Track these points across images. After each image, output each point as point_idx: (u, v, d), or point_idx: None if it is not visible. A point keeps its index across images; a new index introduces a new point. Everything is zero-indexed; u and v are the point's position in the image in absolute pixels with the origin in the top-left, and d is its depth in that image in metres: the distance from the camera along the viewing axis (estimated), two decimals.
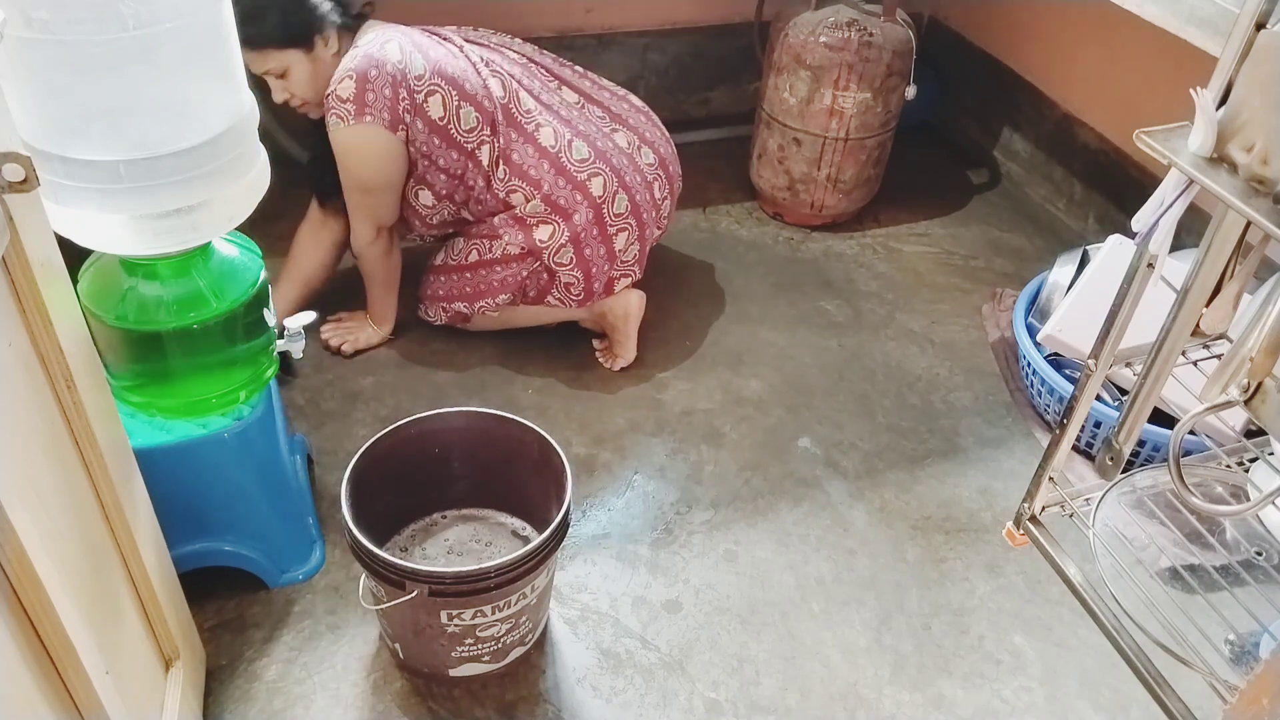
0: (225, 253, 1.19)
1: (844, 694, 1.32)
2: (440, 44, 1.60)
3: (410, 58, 1.52)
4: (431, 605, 1.16)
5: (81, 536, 0.88)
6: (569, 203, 1.65)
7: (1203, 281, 1.01)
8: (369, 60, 1.50)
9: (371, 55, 1.50)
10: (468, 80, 1.57)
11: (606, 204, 1.67)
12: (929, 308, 2.04)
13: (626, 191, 1.69)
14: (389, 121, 1.53)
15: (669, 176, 1.79)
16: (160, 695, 1.08)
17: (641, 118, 1.79)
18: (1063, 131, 2.29)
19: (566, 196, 1.64)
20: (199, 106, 1.00)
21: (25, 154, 0.73)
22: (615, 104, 1.77)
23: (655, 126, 1.80)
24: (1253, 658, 1.18)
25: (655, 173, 1.75)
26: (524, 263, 1.68)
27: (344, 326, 1.81)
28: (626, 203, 1.69)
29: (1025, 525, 1.34)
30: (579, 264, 1.68)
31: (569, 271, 1.69)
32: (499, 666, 1.29)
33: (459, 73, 1.57)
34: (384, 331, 1.81)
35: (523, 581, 1.18)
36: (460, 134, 1.58)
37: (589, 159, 1.66)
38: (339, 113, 1.51)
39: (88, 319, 1.00)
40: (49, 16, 0.87)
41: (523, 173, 1.63)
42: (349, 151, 1.57)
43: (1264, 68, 0.84)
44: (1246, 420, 1.45)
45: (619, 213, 1.69)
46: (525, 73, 1.68)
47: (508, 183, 1.63)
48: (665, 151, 1.79)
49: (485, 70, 1.60)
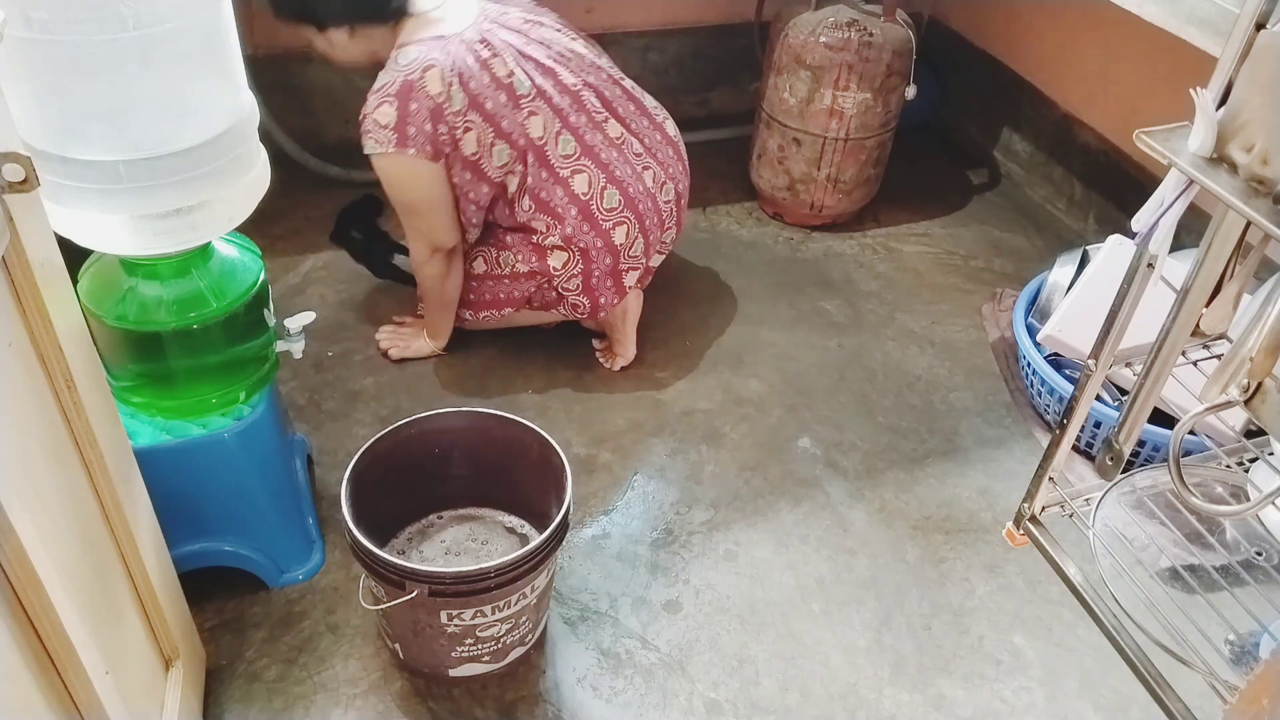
0: (225, 253, 1.19)
1: (844, 694, 1.32)
2: (485, 68, 1.51)
3: (451, 90, 1.47)
4: (431, 605, 1.16)
5: (81, 536, 0.88)
6: (589, 246, 1.63)
7: (1203, 281, 1.01)
8: (409, 87, 1.46)
9: (411, 82, 1.46)
10: (505, 119, 1.53)
11: (625, 249, 1.66)
12: (929, 308, 2.04)
13: (644, 235, 1.68)
14: (431, 154, 1.50)
15: (680, 210, 1.78)
16: (160, 695, 1.08)
17: (670, 151, 1.75)
18: (1063, 131, 2.29)
19: (589, 241, 1.63)
20: (199, 106, 1.00)
21: (25, 154, 0.73)
22: (649, 135, 1.72)
23: (680, 160, 1.77)
24: (1253, 658, 1.18)
25: (670, 209, 1.73)
26: (532, 280, 1.68)
27: (400, 333, 1.81)
28: (642, 245, 1.68)
29: (1025, 525, 1.34)
30: (585, 292, 1.68)
31: (576, 296, 1.68)
32: (499, 666, 1.29)
33: (497, 109, 1.52)
34: (437, 346, 1.79)
35: (523, 581, 1.18)
36: (491, 169, 1.56)
37: (618, 208, 1.64)
38: (378, 138, 1.48)
39: (88, 319, 1.00)
40: (49, 16, 0.87)
41: (549, 209, 1.61)
42: (391, 179, 1.55)
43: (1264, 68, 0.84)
44: (1246, 420, 1.45)
45: (634, 255, 1.68)
46: (575, 105, 1.61)
47: (531, 214, 1.62)
48: (683, 187, 1.77)
49: (529, 105, 1.55)
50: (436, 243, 1.63)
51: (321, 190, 2.21)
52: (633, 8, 2.40)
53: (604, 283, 1.68)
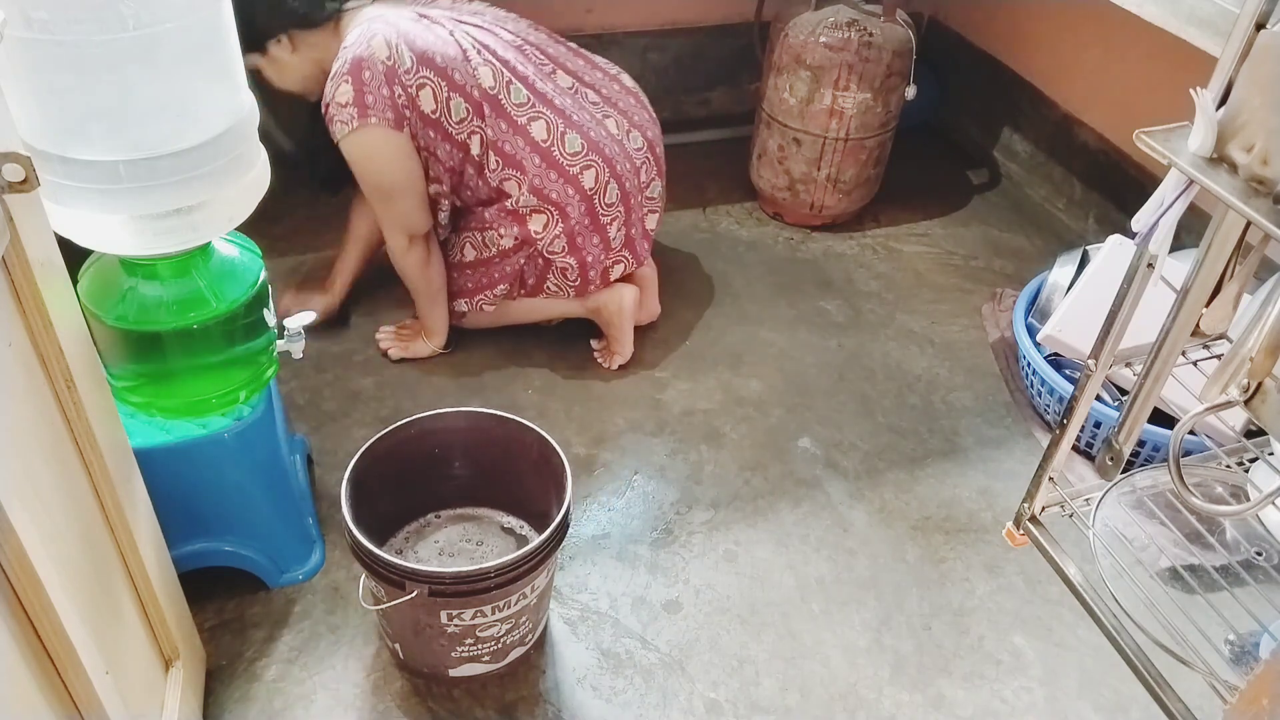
0: (225, 253, 1.19)
1: (844, 694, 1.32)
2: (429, 28, 1.55)
3: (398, 50, 1.49)
4: (431, 605, 1.16)
5: (81, 536, 0.88)
6: (561, 196, 1.64)
7: (1203, 281, 1.01)
8: (359, 62, 1.48)
9: (359, 56, 1.48)
10: (456, 70, 1.54)
11: (598, 195, 1.67)
12: (929, 308, 2.04)
13: (617, 180, 1.69)
14: (393, 120, 1.51)
15: (656, 159, 1.79)
16: (160, 695, 1.08)
17: (631, 100, 1.77)
18: (1063, 131, 2.29)
19: (559, 190, 1.64)
20: (199, 106, 1.00)
21: (25, 154, 0.73)
22: (606, 85, 1.75)
23: (644, 108, 1.79)
24: (1253, 658, 1.18)
25: (643, 156, 1.74)
26: (519, 253, 1.69)
27: (399, 334, 1.81)
28: (617, 191, 1.69)
29: (1025, 525, 1.34)
30: (572, 252, 1.69)
31: (563, 258, 1.69)
32: (499, 666, 1.29)
33: (447, 63, 1.53)
34: (435, 344, 1.79)
35: (523, 581, 1.18)
36: (451, 125, 1.56)
37: (582, 151, 1.65)
38: (341, 119, 1.49)
39: (88, 319, 1.00)
40: (49, 16, 0.87)
41: (515, 162, 1.62)
42: (361, 157, 1.55)
43: (1264, 68, 0.84)
44: (1246, 420, 1.45)
45: (610, 202, 1.69)
46: (520, 57, 1.64)
47: (500, 173, 1.62)
48: (652, 134, 1.79)
49: (476, 58, 1.57)
50: (411, 227, 1.63)
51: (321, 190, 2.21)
52: (633, 8, 2.40)
53: (589, 240, 1.69)
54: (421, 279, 1.71)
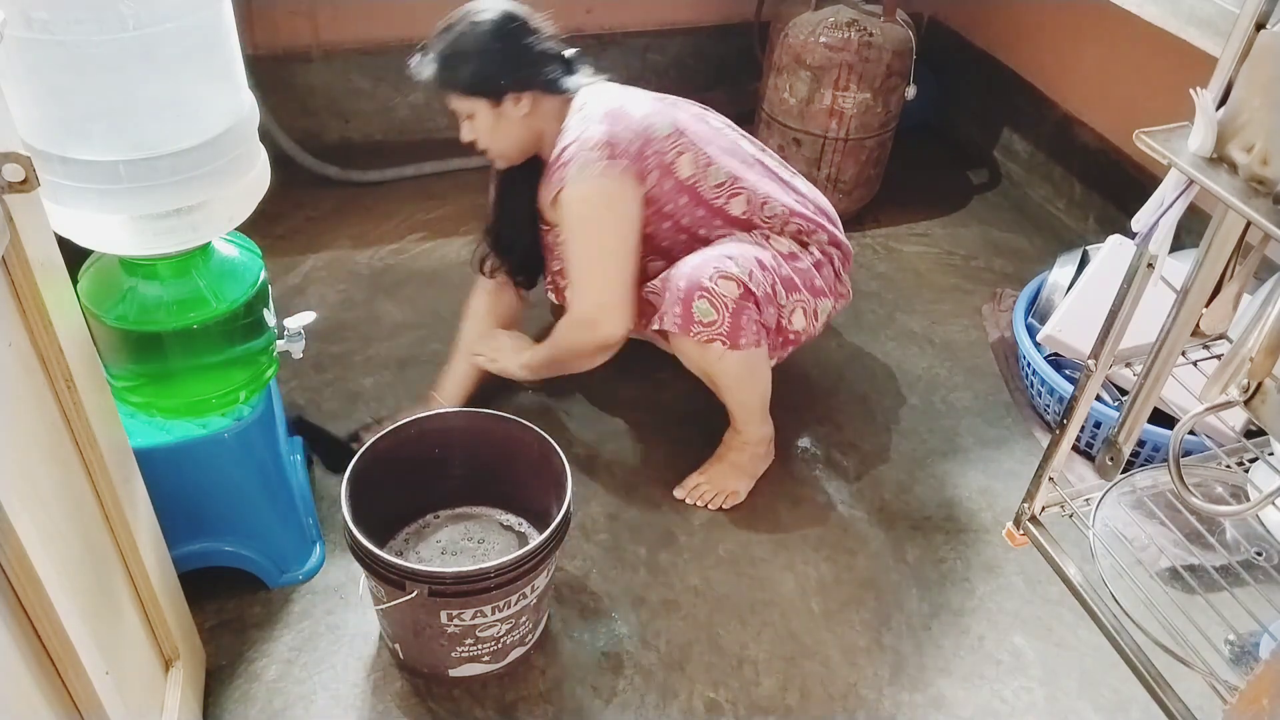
0: (225, 253, 1.19)
1: (844, 694, 1.32)
2: (674, 105, 1.51)
3: (653, 117, 1.44)
4: (431, 605, 1.16)
5: (81, 536, 0.88)
6: (836, 237, 1.58)
7: (1203, 281, 1.01)
8: (614, 116, 1.42)
9: (614, 111, 1.42)
10: (712, 142, 1.49)
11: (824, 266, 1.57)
12: (929, 308, 2.04)
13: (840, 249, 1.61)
14: (637, 172, 1.41)
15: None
16: (160, 695, 1.08)
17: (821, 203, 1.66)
18: (1063, 131, 2.29)
19: (834, 233, 1.58)
20: (199, 107, 1.00)
21: (25, 154, 0.73)
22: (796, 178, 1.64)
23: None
24: (1253, 658, 1.18)
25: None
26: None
27: (496, 341, 1.63)
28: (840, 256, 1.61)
29: (1025, 525, 1.34)
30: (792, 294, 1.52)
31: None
32: (499, 666, 1.29)
33: (703, 133, 1.48)
34: (530, 377, 1.61)
35: (523, 581, 1.18)
36: (708, 189, 1.47)
37: (815, 210, 1.58)
38: (585, 159, 1.38)
39: (88, 319, 1.00)
40: (49, 17, 0.87)
41: (787, 210, 1.53)
42: (598, 204, 1.41)
43: (1264, 68, 0.84)
44: (1246, 420, 1.45)
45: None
46: (747, 142, 1.58)
47: (772, 219, 1.52)
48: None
49: (726, 130, 1.54)
50: (614, 301, 1.44)
51: (321, 190, 2.21)
52: (633, 8, 2.40)
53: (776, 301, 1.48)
54: (578, 357, 1.53)
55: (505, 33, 1.41)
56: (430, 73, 1.43)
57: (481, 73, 1.41)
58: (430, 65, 1.43)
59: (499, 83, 1.42)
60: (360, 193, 2.23)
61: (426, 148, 2.36)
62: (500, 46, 1.41)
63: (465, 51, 1.40)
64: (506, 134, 1.47)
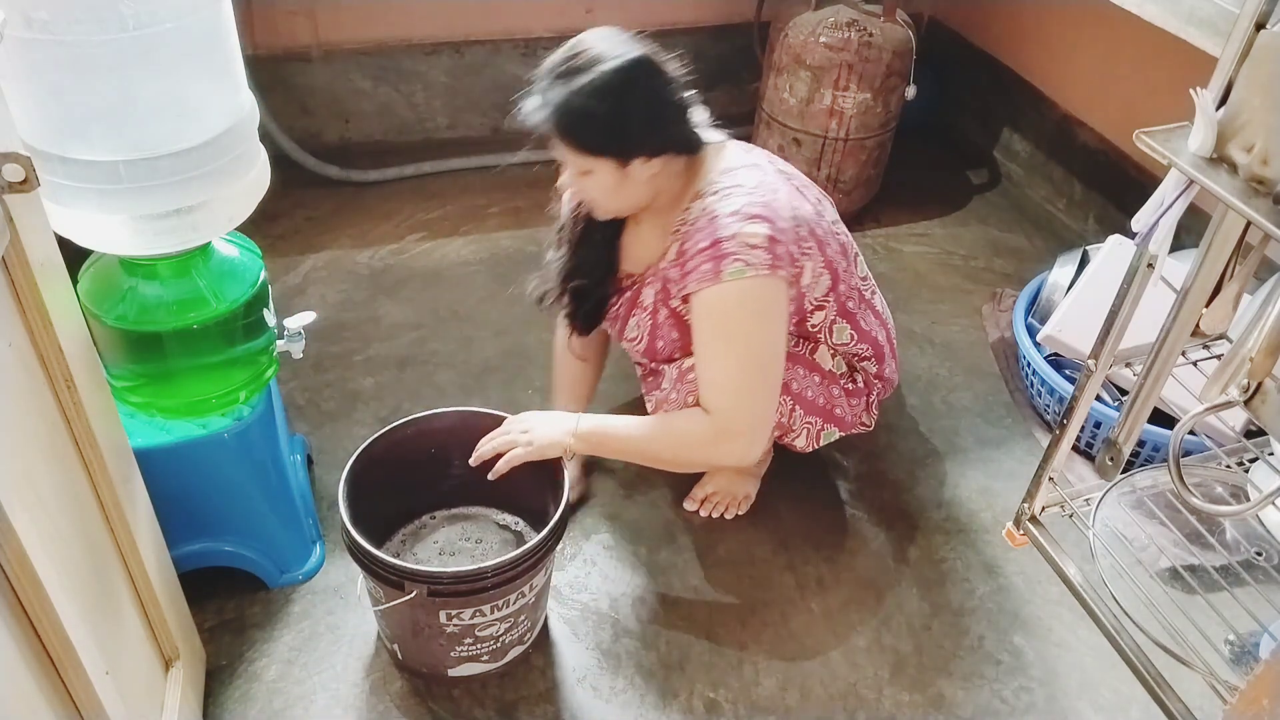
0: (225, 253, 1.19)
1: (844, 694, 1.32)
2: (797, 192, 1.33)
3: (796, 212, 1.28)
4: (430, 605, 1.16)
5: (81, 536, 0.88)
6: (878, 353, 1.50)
7: (1203, 281, 1.01)
8: (774, 205, 1.25)
9: (769, 203, 1.24)
10: (828, 244, 1.33)
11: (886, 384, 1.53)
12: (929, 308, 2.04)
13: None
14: (790, 277, 1.26)
15: None
16: (160, 695, 1.08)
17: None
18: (1063, 131, 2.29)
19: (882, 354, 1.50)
20: (199, 106, 1.00)
21: (25, 154, 0.73)
22: None
23: None
24: (1253, 658, 1.18)
25: None
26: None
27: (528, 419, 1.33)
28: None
29: (1025, 525, 1.34)
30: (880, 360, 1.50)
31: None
32: (497, 666, 1.29)
33: (821, 233, 1.32)
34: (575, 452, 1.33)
35: (521, 580, 1.18)
36: (811, 300, 1.36)
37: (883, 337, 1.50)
38: (748, 259, 1.21)
39: (88, 319, 1.00)
40: (49, 17, 0.87)
41: (862, 333, 1.44)
42: (755, 310, 1.24)
43: (1264, 68, 0.84)
44: (1246, 420, 1.45)
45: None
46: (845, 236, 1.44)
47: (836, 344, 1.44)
48: None
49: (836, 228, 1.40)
50: (764, 419, 1.30)
51: (321, 190, 2.21)
52: (633, 8, 2.40)
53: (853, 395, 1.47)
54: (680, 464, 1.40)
55: (642, 87, 1.23)
56: (546, 121, 1.21)
57: (614, 133, 1.22)
58: (546, 113, 1.20)
59: (632, 144, 1.23)
60: (360, 193, 2.23)
61: (426, 148, 2.36)
62: (636, 103, 1.22)
63: (594, 106, 1.19)
64: (627, 195, 1.28)
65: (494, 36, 2.34)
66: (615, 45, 1.24)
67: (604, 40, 1.25)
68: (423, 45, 2.31)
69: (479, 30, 2.33)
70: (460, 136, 2.43)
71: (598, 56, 1.22)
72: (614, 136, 1.22)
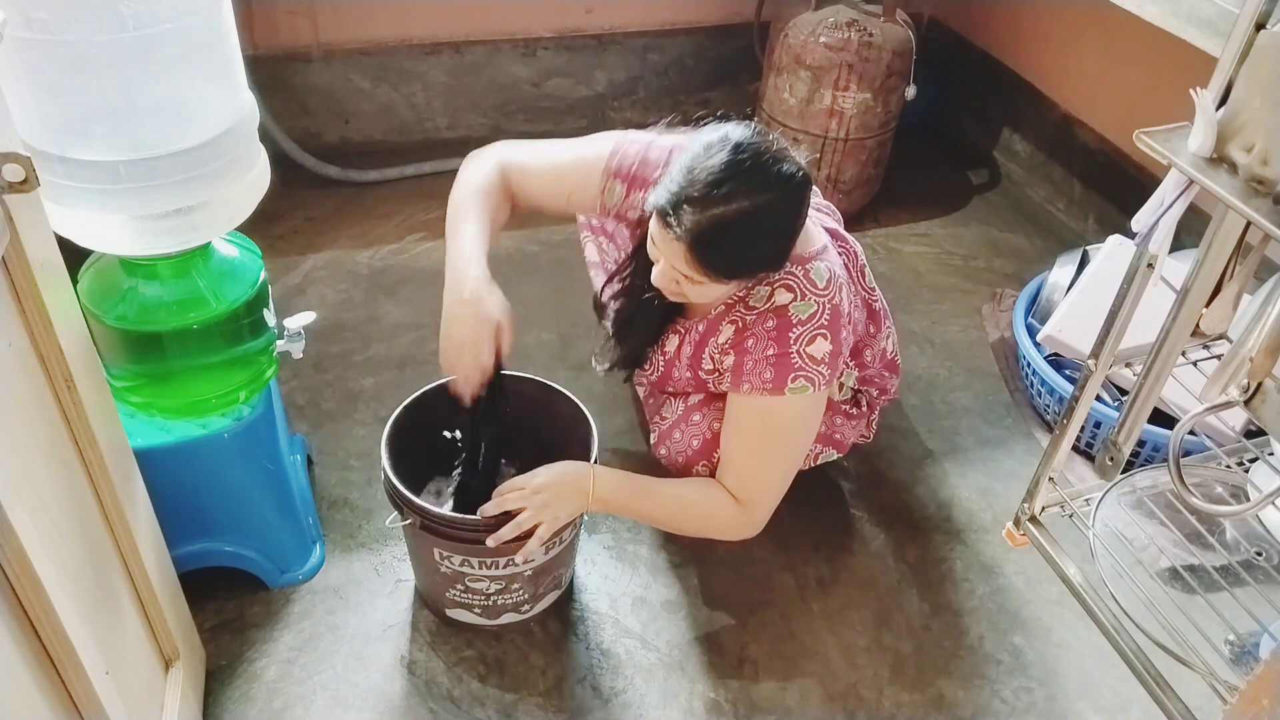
0: (225, 253, 1.19)
1: (844, 694, 1.32)
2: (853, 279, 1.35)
3: (853, 316, 1.31)
4: (424, 539, 1.22)
5: (81, 536, 0.88)
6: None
7: (1203, 281, 1.01)
8: (838, 318, 1.24)
9: (839, 309, 1.24)
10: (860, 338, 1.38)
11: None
12: (929, 308, 2.04)
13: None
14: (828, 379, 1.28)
15: None
16: (160, 695, 1.08)
17: None
18: (1063, 131, 2.29)
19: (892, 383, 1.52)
20: (199, 106, 1.00)
21: (25, 154, 0.73)
22: None
23: None
24: (1253, 658, 1.18)
25: None
26: None
27: (543, 492, 1.22)
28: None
29: (1025, 525, 1.34)
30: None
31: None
32: (491, 624, 1.33)
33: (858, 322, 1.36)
34: (604, 510, 1.32)
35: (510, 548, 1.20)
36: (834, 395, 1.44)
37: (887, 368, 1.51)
38: (810, 375, 1.22)
39: (88, 319, 1.00)
40: (49, 17, 0.87)
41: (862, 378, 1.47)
42: (800, 416, 1.28)
43: (1264, 68, 0.84)
44: (1246, 420, 1.45)
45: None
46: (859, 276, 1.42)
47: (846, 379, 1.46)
48: None
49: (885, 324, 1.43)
50: (772, 508, 1.32)
51: (321, 190, 2.21)
52: (633, 8, 2.40)
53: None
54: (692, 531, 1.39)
55: (785, 219, 1.17)
56: (679, 240, 1.13)
57: (743, 267, 1.19)
58: (681, 232, 1.12)
59: (755, 273, 1.22)
60: (360, 193, 2.23)
61: (426, 148, 2.36)
62: (770, 241, 1.17)
63: (732, 244, 1.14)
64: (714, 296, 1.25)
65: (494, 36, 2.34)
66: (765, 176, 1.13)
67: (754, 170, 1.13)
68: (423, 45, 2.30)
69: (479, 30, 2.33)
70: (460, 136, 2.43)
71: (741, 186, 1.11)
72: (741, 269, 1.19)
